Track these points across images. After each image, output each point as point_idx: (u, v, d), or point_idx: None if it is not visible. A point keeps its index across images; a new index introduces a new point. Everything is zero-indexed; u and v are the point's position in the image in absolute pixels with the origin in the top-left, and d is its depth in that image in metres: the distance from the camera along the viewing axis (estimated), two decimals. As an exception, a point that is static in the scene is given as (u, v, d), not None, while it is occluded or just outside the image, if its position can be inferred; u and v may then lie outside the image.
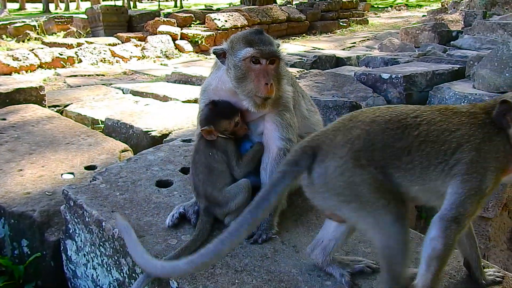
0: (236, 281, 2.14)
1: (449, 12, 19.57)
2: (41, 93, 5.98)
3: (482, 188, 1.89)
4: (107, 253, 2.53)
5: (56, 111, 5.98)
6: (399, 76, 6.78)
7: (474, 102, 5.90)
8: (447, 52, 9.91)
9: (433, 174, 1.91)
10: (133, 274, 2.36)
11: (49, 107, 6.19)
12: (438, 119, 1.97)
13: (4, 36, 17.52)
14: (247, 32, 2.57)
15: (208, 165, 2.55)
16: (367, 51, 12.95)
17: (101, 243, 2.55)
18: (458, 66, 7.52)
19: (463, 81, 7.03)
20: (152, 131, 4.75)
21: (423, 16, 23.23)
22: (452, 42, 11.78)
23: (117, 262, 2.46)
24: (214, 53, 2.59)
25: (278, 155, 2.57)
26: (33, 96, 5.88)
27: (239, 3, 27.94)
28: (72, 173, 3.80)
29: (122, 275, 2.45)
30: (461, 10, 17.80)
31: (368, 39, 17.37)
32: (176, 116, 5.31)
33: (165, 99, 6.80)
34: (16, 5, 40.45)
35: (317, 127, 3.02)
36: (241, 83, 2.48)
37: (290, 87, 2.72)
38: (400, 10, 32.57)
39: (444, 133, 1.93)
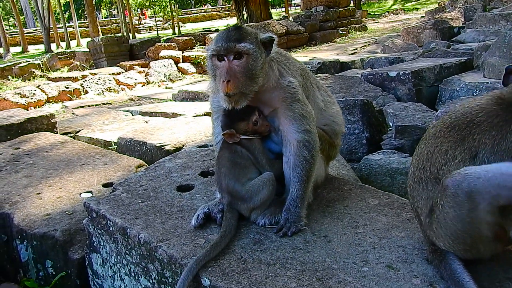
0: (270, 274, 2.06)
1: (447, 10, 19.62)
2: (52, 121, 6.00)
3: None
4: (134, 261, 2.46)
5: (68, 138, 6.00)
6: (407, 73, 6.72)
7: (486, 90, 5.84)
8: (451, 47, 9.85)
9: None
10: (163, 279, 2.29)
11: (60, 134, 6.20)
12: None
13: (10, 77, 17.77)
14: (223, 29, 2.52)
15: (231, 159, 2.49)
16: (370, 55, 12.93)
17: (127, 252, 2.49)
18: (465, 58, 7.43)
19: (472, 72, 6.96)
20: (165, 145, 4.73)
21: (422, 17, 23.29)
22: (455, 37, 11.74)
23: (145, 269, 2.39)
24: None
25: (298, 148, 2.50)
26: (44, 124, 5.90)
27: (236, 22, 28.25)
28: (90, 192, 3.77)
29: (151, 281, 2.38)
30: (459, 7, 17.81)
31: (369, 44, 17.40)
32: (188, 130, 5.30)
33: (174, 116, 6.80)
34: (18, 49, 41.22)
35: (336, 118, 2.95)
36: (214, 81, 2.47)
37: (294, 78, 2.59)
38: (397, 14, 32.69)
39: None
